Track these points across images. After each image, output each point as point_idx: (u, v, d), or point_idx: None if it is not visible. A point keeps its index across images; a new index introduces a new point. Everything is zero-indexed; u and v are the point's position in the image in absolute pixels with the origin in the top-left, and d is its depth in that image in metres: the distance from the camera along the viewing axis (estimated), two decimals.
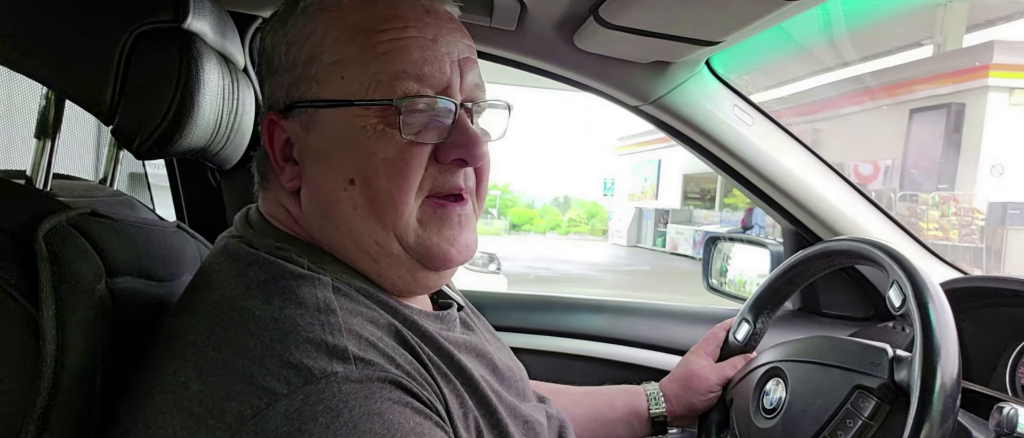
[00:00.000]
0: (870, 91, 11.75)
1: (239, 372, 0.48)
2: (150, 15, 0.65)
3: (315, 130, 0.59)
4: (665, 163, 20.47)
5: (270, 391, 0.46)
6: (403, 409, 0.49)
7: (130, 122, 0.66)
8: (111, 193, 0.82)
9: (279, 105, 0.61)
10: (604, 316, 1.48)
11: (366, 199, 0.58)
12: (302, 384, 0.47)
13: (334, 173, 0.59)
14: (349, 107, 0.58)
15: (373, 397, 0.48)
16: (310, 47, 0.59)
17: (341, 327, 0.51)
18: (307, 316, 0.51)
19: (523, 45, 1.17)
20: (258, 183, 0.68)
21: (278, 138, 0.62)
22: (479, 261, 5.33)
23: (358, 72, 0.58)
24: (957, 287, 1.06)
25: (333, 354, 0.49)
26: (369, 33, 0.58)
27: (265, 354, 0.49)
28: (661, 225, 19.61)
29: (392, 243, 0.60)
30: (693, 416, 0.98)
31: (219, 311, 0.54)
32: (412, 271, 0.62)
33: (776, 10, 0.86)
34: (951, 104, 10.34)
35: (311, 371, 0.47)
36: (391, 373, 0.50)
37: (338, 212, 0.59)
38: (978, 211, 10.05)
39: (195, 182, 1.28)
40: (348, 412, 0.46)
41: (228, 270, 0.59)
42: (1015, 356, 1.01)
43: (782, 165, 1.23)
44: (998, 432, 0.76)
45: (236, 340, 0.51)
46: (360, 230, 0.60)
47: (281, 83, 0.60)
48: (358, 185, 0.58)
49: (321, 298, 0.54)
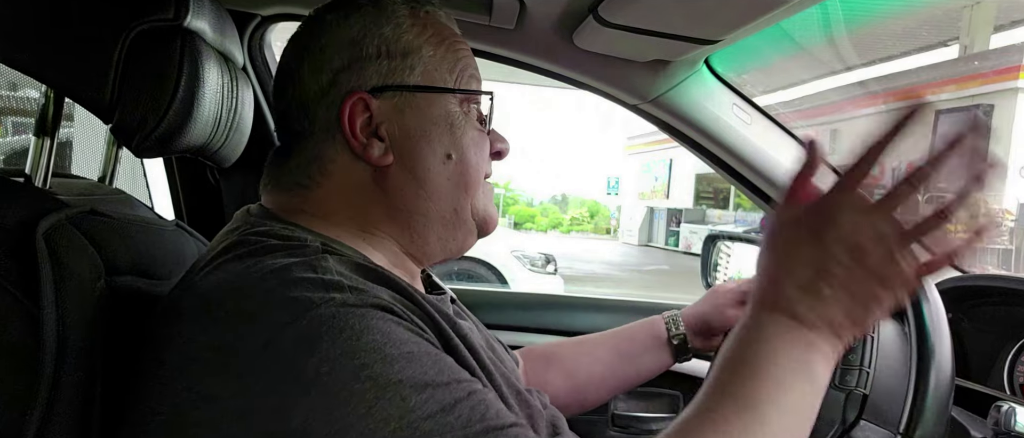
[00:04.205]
0: (893, 92, 11.70)
1: (244, 314, 0.52)
2: (150, 13, 0.65)
3: (411, 111, 0.67)
4: (677, 162, 20.48)
5: (275, 322, 0.50)
6: (397, 326, 0.53)
7: (129, 120, 0.66)
8: (110, 191, 0.82)
9: (366, 87, 0.66)
10: (603, 315, 1.48)
11: (459, 172, 0.69)
12: (304, 311, 0.50)
13: (435, 148, 0.68)
14: (443, 93, 0.68)
15: (369, 315, 0.52)
16: (406, 43, 0.68)
17: (332, 269, 0.56)
18: (299, 266, 0.55)
19: (522, 44, 1.17)
20: (299, 182, 0.68)
21: (358, 117, 0.66)
22: (538, 262, 5.34)
23: (448, 68, 0.69)
24: (956, 285, 1.06)
25: (329, 286, 0.53)
26: (451, 41, 0.71)
27: (266, 296, 0.52)
28: (673, 224, 19.64)
29: (466, 209, 0.71)
30: (714, 339, 1.00)
31: (215, 279, 0.57)
32: (467, 236, 0.72)
33: (774, 9, 0.86)
34: (980, 105, 10.31)
35: (311, 300, 0.51)
36: (385, 301, 0.54)
37: (436, 183, 0.68)
38: (1008, 212, 9.96)
39: (194, 181, 1.28)
40: (350, 328, 0.50)
41: (220, 252, 0.61)
42: (1014, 354, 1.01)
43: (781, 163, 1.23)
44: (996, 430, 0.76)
45: (236, 292, 0.54)
46: (448, 198, 0.69)
47: (371, 69, 0.67)
48: (454, 159, 0.69)
49: (312, 252, 0.58)
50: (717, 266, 1.57)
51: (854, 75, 12.09)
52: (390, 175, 0.68)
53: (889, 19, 10.92)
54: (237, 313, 0.52)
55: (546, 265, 5.38)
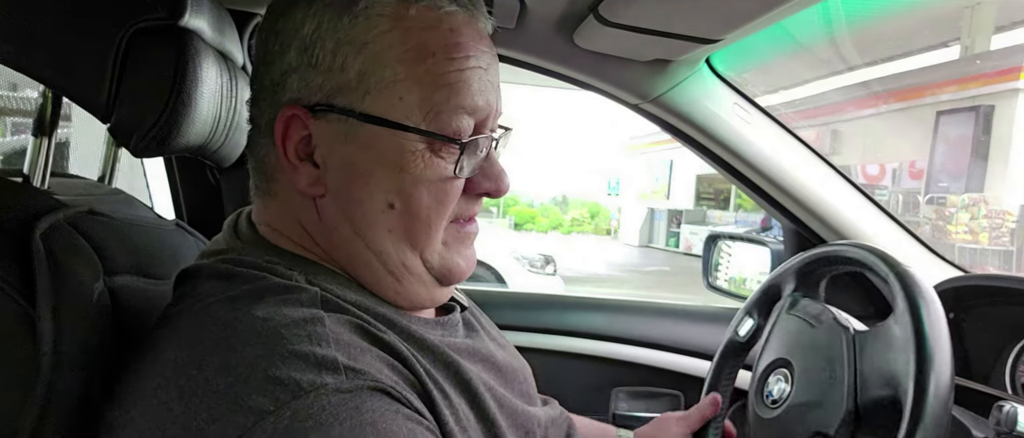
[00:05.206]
0: (894, 92, 11.65)
1: (222, 392, 0.45)
2: (147, 12, 0.65)
3: (355, 142, 0.56)
4: (677, 163, 20.47)
5: (256, 409, 0.44)
6: (395, 416, 0.47)
7: (127, 120, 0.66)
8: (109, 191, 0.82)
9: (307, 101, 0.56)
10: (603, 314, 1.48)
11: (403, 224, 0.58)
12: (290, 400, 0.44)
13: (374, 193, 0.57)
14: (399, 130, 0.56)
15: (363, 407, 0.46)
16: (369, 56, 0.55)
17: (329, 337, 0.49)
18: (293, 328, 0.49)
19: (522, 43, 1.17)
20: (258, 186, 0.63)
21: (295, 134, 0.57)
22: (537, 263, 5.32)
23: (419, 97, 0.56)
24: (957, 286, 1.05)
25: (322, 365, 0.47)
26: (437, 60, 0.56)
27: (249, 371, 0.46)
28: (674, 225, 19.61)
29: (417, 265, 0.60)
30: None
31: (201, 326, 0.51)
32: (429, 289, 0.62)
33: (775, 9, 0.86)
34: (980, 106, 10.29)
35: (299, 384, 0.45)
36: (382, 382, 0.49)
37: (372, 232, 0.58)
38: (1009, 213, 9.87)
39: (194, 180, 1.28)
40: (339, 425, 0.44)
41: (211, 283, 0.56)
42: (1015, 354, 1.01)
43: (782, 163, 1.23)
44: (998, 430, 0.76)
45: (218, 357, 0.48)
46: (390, 252, 0.59)
47: (318, 81, 0.56)
48: (398, 209, 0.57)
49: (307, 309, 0.52)
50: (718, 266, 1.57)
51: (855, 75, 12.07)
52: (325, 208, 0.59)
53: (890, 19, 10.91)
54: (214, 390, 0.46)
55: (545, 266, 5.38)
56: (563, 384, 1.42)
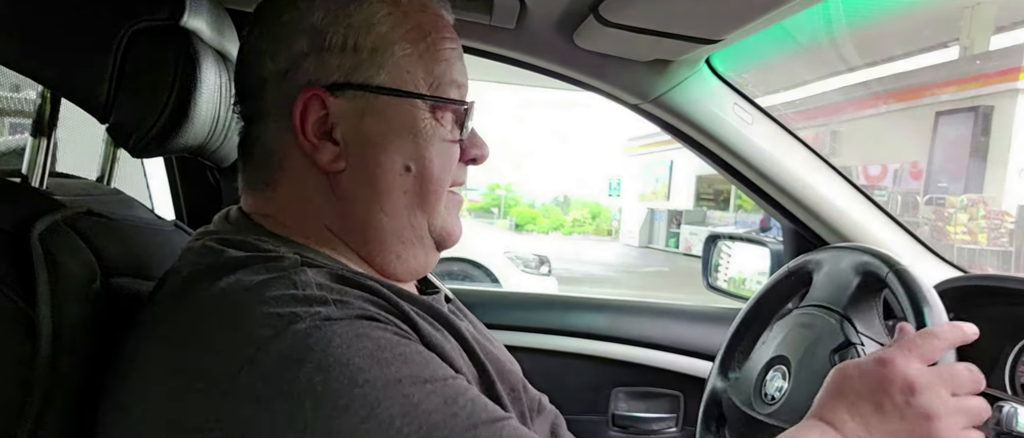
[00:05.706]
0: (894, 93, 11.62)
1: (225, 327, 0.50)
2: (146, 13, 0.65)
3: (372, 114, 0.62)
4: (677, 164, 20.46)
5: (257, 337, 0.48)
6: (385, 332, 0.52)
7: (126, 120, 0.66)
8: (108, 192, 0.82)
9: (325, 81, 0.61)
10: (603, 315, 1.48)
11: (417, 185, 0.64)
12: (287, 325, 0.49)
13: (393, 157, 0.62)
14: (410, 99, 0.62)
15: (356, 325, 0.51)
16: (378, 36, 0.62)
17: (312, 282, 0.53)
18: (278, 279, 0.53)
19: (522, 43, 1.17)
20: (257, 180, 0.65)
21: (312, 114, 0.61)
22: (531, 263, 5.28)
23: (423, 70, 0.63)
24: (956, 285, 1.05)
25: (311, 300, 0.51)
26: (433, 38, 0.64)
27: (244, 314, 0.50)
28: (673, 226, 19.60)
29: (424, 226, 0.66)
30: None
31: (192, 298, 0.54)
32: (427, 252, 0.68)
33: (775, 9, 0.86)
34: (979, 107, 10.28)
35: (295, 313, 0.49)
36: (370, 310, 0.53)
37: (389, 197, 0.63)
38: (1007, 214, 9.88)
39: (194, 180, 1.28)
40: (339, 338, 0.49)
41: (197, 256, 0.59)
42: (1015, 355, 1.01)
43: (782, 164, 1.23)
44: (998, 430, 0.76)
45: (215, 311, 0.52)
46: (403, 213, 0.64)
47: (334, 62, 0.61)
48: (413, 172, 0.63)
49: (290, 265, 0.55)
50: (718, 266, 1.57)
51: (855, 76, 12.06)
52: (343, 182, 0.63)
53: (890, 19, 10.90)
54: (217, 334, 0.50)
55: (539, 266, 5.32)
56: (563, 384, 1.42)
